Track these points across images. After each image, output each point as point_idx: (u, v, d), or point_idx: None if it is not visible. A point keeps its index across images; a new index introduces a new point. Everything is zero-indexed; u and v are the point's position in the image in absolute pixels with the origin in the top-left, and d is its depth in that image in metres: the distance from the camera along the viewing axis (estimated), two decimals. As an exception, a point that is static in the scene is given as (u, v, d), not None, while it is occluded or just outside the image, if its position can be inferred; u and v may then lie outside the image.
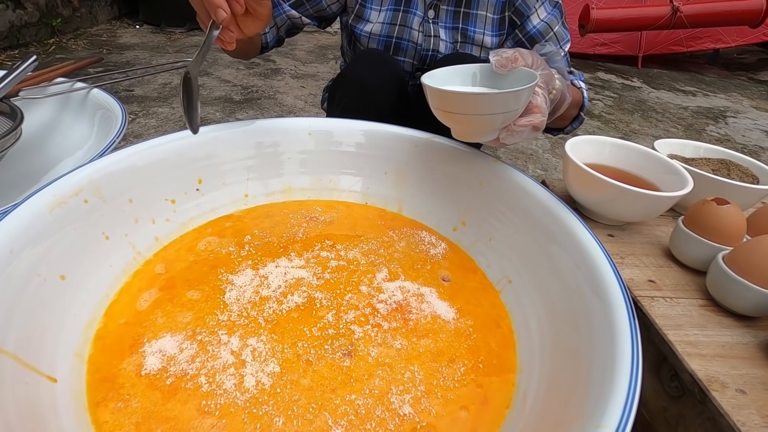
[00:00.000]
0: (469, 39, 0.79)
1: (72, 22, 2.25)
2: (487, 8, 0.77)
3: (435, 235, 0.63)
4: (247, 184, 0.64)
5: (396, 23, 0.77)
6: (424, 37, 0.78)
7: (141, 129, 1.35)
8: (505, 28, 0.80)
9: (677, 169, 0.50)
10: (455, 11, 0.78)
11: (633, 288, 0.42)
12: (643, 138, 1.81)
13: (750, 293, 0.37)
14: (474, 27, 0.78)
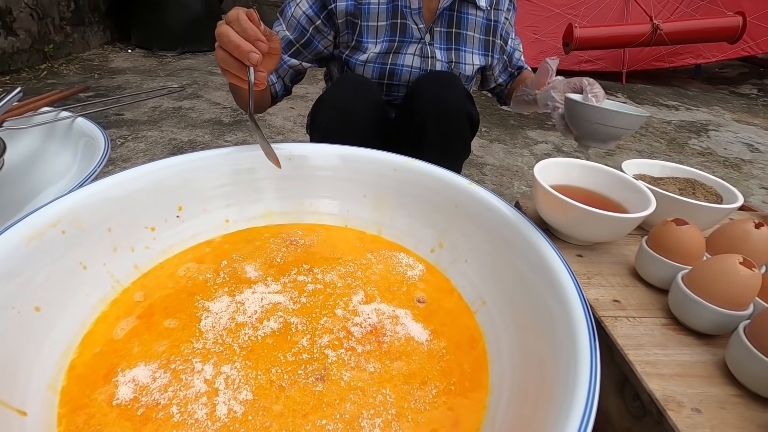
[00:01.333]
0: (461, 58, 0.85)
1: (64, 48, 2.28)
2: (474, 29, 0.84)
3: (413, 256, 0.64)
4: (228, 209, 0.65)
5: (391, 52, 0.81)
6: (422, 59, 0.82)
7: (130, 153, 1.36)
8: (489, 49, 0.87)
9: (642, 189, 0.51)
10: (447, 32, 0.83)
11: (598, 308, 0.43)
12: (627, 153, 1.84)
13: (707, 312, 0.38)
14: (464, 47, 0.85)
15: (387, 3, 0.78)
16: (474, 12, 0.83)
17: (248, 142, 1.54)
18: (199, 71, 2.33)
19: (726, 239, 0.44)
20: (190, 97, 1.92)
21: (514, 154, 1.67)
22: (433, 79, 0.78)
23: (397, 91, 0.85)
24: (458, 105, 0.77)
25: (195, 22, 2.64)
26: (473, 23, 0.83)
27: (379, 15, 0.78)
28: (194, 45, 2.68)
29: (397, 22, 0.79)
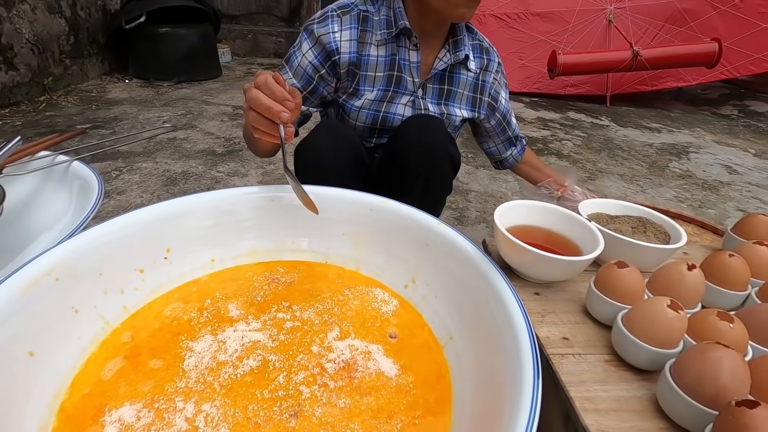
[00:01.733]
0: (450, 111, 0.91)
1: (63, 80, 2.35)
2: (464, 87, 0.90)
3: (388, 291, 0.68)
4: (213, 249, 0.69)
5: (385, 100, 0.86)
6: (413, 110, 0.87)
7: (124, 185, 1.40)
8: (476, 105, 0.93)
9: (593, 231, 0.56)
10: (440, 89, 0.89)
11: (548, 346, 0.47)
12: (609, 176, 1.90)
13: (640, 350, 0.42)
14: (454, 102, 0.91)
15: (386, 56, 0.83)
16: (465, 72, 0.89)
17: (240, 172, 1.59)
18: (194, 101, 2.40)
19: (663, 280, 0.48)
20: (185, 127, 1.97)
21: (499, 180, 1.72)
22: (416, 122, 0.82)
23: (388, 137, 0.90)
24: (441, 147, 0.81)
25: (191, 52, 2.72)
26: (464, 82, 0.89)
27: (377, 66, 0.83)
28: (190, 75, 2.76)
29: (393, 74, 0.84)
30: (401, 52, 0.83)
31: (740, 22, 2.91)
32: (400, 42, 0.82)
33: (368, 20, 0.81)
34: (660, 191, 1.80)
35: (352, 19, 0.80)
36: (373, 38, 0.81)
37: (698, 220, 1.49)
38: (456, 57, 0.84)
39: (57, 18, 2.27)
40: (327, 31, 0.79)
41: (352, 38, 0.80)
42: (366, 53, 0.81)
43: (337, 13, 0.80)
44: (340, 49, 0.80)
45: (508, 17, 3.20)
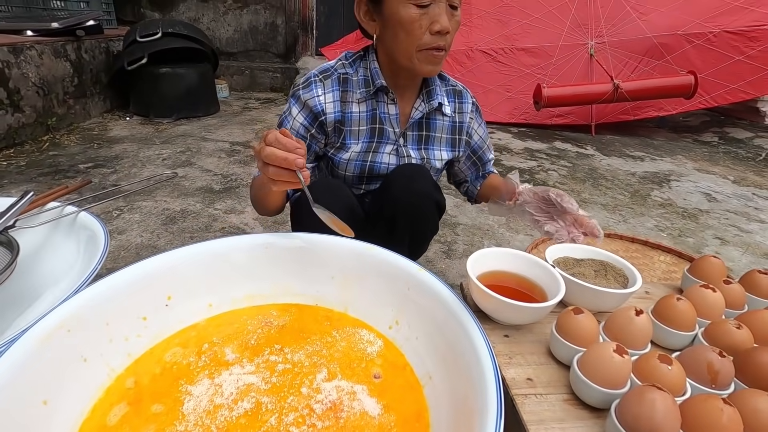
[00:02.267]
0: (431, 155, 0.97)
1: (66, 119, 2.44)
2: (442, 131, 0.97)
3: (374, 332, 0.73)
4: (211, 295, 0.74)
5: (370, 151, 0.93)
6: (398, 158, 0.94)
7: (125, 225, 1.46)
8: (455, 145, 1.00)
9: (557, 277, 0.62)
10: (419, 135, 0.96)
11: (513, 387, 0.52)
12: (592, 206, 1.97)
13: (592, 391, 0.47)
14: (433, 146, 0.97)
15: (367, 111, 0.91)
16: (441, 117, 0.96)
17: (236, 209, 1.65)
18: (192, 137, 2.48)
19: (615, 324, 0.54)
20: (183, 165, 2.05)
21: (485, 213, 1.79)
22: (403, 172, 0.89)
23: (376, 183, 0.97)
24: (427, 194, 0.88)
25: (190, 90, 2.83)
26: (440, 126, 0.96)
27: (360, 121, 0.91)
28: (189, 111, 2.86)
29: (375, 127, 0.91)
30: (381, 106, 0.91)
31: (714, 55, 3.06)
32: (378, 98, 0.90)
33: (348, 81, 0.89)
34: (641, 221, 1.87)
35: (333, 82, 0.88)
36: (354, 97, 0.88)
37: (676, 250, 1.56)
38: (430, 105, 0.91)
39: (62, 61, 2.38)
40: (312, 95, 0.87)
41: (335, 99, 0.88)
42: (349, 111, 0.89)
43: (319, 78, 0.88)
44: (326, 111, 0.87)
45: (494, 52, 3.35)
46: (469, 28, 3.40)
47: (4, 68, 2.00)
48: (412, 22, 0.76)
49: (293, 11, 3.77)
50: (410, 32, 0.77)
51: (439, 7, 0.75)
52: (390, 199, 0.88)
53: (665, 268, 1.46)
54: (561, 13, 3.30)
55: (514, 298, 0.60)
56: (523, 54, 3.34)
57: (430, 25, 0.76)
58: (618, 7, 3.22)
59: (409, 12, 0.76)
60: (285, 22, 3.78)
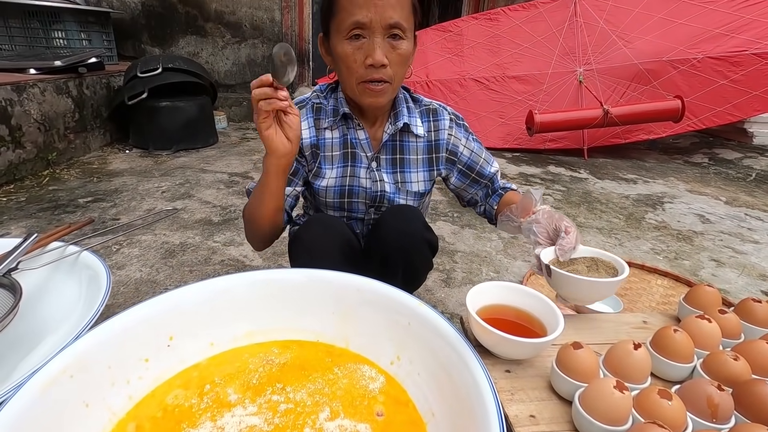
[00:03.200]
0: (407, 178, 0.98)
1: (66, 153, 2.47)
2: (417, 153, 0.98)
3: (375, 368, 0.73)
4: (212, 333, 0.75)
5: (347, 175, 0.96)
6: (372, 182, 0.96)
7: (124, 259, 1.46)
8: (433, 164, 1.00)
9: (555, 311, 0.63)
10: (392, 158, 0.98)
11: (516, 425, 0.52)
12: (588, 230, 1.99)
13: (594, 428, 0.47)
14: (409, 169, 0.98)
15: (339, 137, 0.95)
16: (414, 139, 0.97)
17: (235, 241, 1.66)
18: (191, 169, 2.51)
19: (615, 358, 0.55)
20: (183, 197, 2.06)
21: (483, 240, 1.81)
22: (394, 214, 0.91)
23: (357, 206, 0.98)
24: (418, 236, 0.89)
25: (189, 123, 2.88)
26: (414, 148, 0.97)
27: (333, 146, 0.95)
28: (188, 143, 2.91)
29: (348, 151, 0.95)
30: (351, 132, 0.95)
31: (699, 79, 3.15)
32: (348, 125, 0.95)
33: (321, 110, 0.95)
34: (637, 244, 1.89)
35: (308, 110, 0.95)
36: (325, 124, 0.94)
37: (673, 274, 1.57)
38: (395, 127, 0.93)
39: (64, 98, 2.43)
40: None
41: (310, 126, 0.94)
42: (323, 137, 0.95)
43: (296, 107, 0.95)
44: (301, 136, 0.92)
45: (486, 80, 3.44)
46: (461, 57, 3.50)
47: (7, 106, 2.04)
48: (347, 57, 0.80)
49: (290, 44, 3.88)
50: (348, 66, 0.82)
51: (374, 42, 0.78)
52: (381, 242, 0.90)
53: (663, 292, 1.47)
54: (549, 42, 3.42)
55: (513, 332, 0.61)
56: (515, 81, 3.43)
57: (365, 59, 0.80)
58: (604, 35, 3.34)
59: (344, 48, 0.80)
60: (282, 54, 3.88)
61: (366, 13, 0.76)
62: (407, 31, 0.81)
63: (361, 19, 0.77)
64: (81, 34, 2.97)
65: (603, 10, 3.39)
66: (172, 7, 3.66)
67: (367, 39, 0.79)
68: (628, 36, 3.31)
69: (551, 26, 3.42)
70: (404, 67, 0.85)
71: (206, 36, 3.78)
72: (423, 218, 0.95)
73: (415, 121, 0.97)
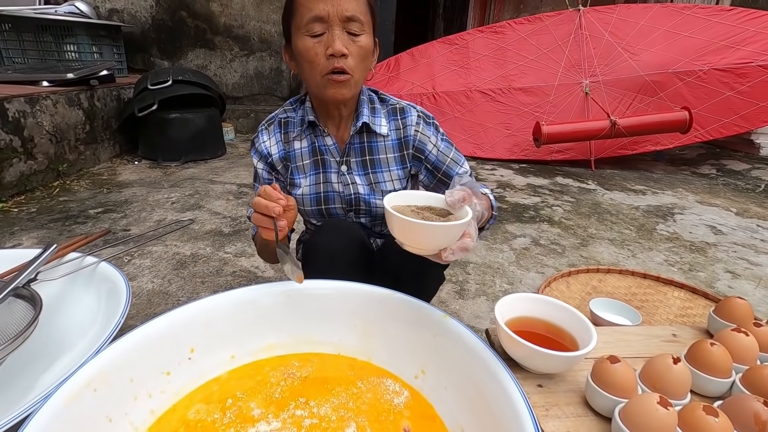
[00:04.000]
0: (380, 179, 0.97)
1: (76, 164, 2.48)
2: (385, 152, 0.96)
3: (399, 382, 0.72)
4: (234, 346, 0.74)
5: (320, 182, 0.96)
6: (344, 186, 0.96)
7: (136, 270, 1.45)
8: (406, 162, 0.97)
9: (587, 324, 0.61)
10: (362, 160, 0.97)
11: (553, 441, 0.50)
12: (600, 242, 1.97)
13: (637, 445, 0.46)
14: (380, 168, 0.97)
15: (308, 145, 0.96)
16: (381, 139, 0.95)
17: (246, 252, 1.65)
18: (200, 180, 2.52)
19: (653, 373, 0.53)
20: (192, 208, 2.06)
21: (495, 251, 1.79)
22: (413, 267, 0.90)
23: (335, 211, 0.98)
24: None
25: (198, 134, 2.90)
26: (382, 147, 0.96)
27: (302, 155, 0.96)
28: (196, 154, 2.92)
29: (318, 158, 0.96)
30: (318, 140, 0.95)
31: (705, 90, 3.16)
32: (316, 132, 0.95)
33: (288, 123, 0.97)
34: (650, 255, 1.87)
35: (275, 126, 0.98)
36: (293, 136, 0.96)
37: (689, 286, 1.55)
38: (355, 127, 0.93)
39: (76, 110, 2.45)
40: (260, 141, 0.97)
41: (278, 140, 0.97)
42: (292, 149, 0.96)
43: (265, 126, 0.98)
44: (271, 152, 0.96)
45: (492, 92, 3.46)
46: (467, 70, 3.53)
47: (20, 118, 2.06)
48: (308, 50, 0.81)
49: (297, 57, 3.92)
50: (310, 60, 0.82)
51: (333, 34, 0.80)
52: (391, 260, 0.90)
53: (680, 304, 1.45)
54: (555, 54, 3.44)
55: (543, 344, 0.59)
56: (521, 93, 3.45)
57: (326, 50, 0.80)
58: (609, 47, 3.36)
59: (305, 43, 0.81)
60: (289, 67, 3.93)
61: (323, 7, 0.78)
62: (365, 25, 0.82)
63: (319, 13, 0.78)
64: (92, 47, 3.01)
65: (608, 22, 3.41)
66: (181, 21, 3.71)
67: (326, 33, 0.80)
68: (633, 48, 3.33)
69: (557, 39, 3.45)
70: (365, 61, 0.85)
71: (215, 49, 3.83)
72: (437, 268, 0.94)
73: (379, 121, 0.95)
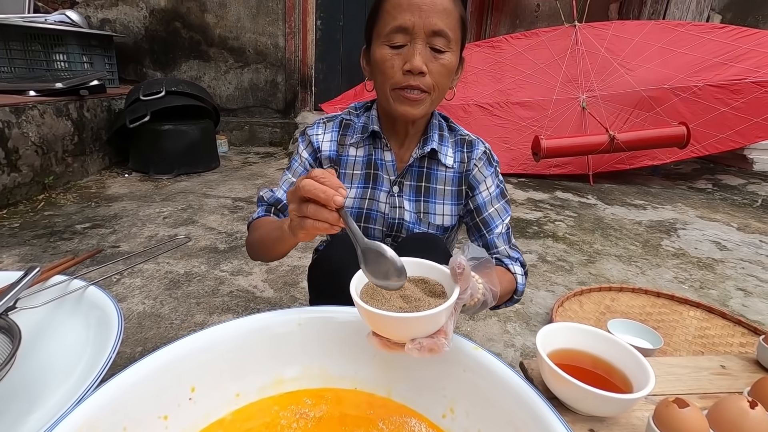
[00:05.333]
0: (430, 209, 0.91)
1: (63, 177, 2.38)
2: (444, 183, 0.90)
3: (425, 422, 0.64)
4: (238, 382, 0.66)
5: (366, 197, 0.89)
6: (391, 208, 0.89)
7: (126, 291, 1.36)
8: (462, 198, 0.92)
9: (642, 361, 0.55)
10: (417, 186, 0.90)
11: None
12: (607, 258, 1.93)
13: None
14: (434, 199, 0.91)
15: (364, 156, 0.90)
16: (443, 169, 0.89)
17: (243, 270, 1.57)
18: (194, 194, 2.43)
19: (725, 420, 0.47)
20: (185, 223, 1.98)
21: (502, 268, 1.73)
22: (414, 243, 0.84)
23: (373, 232, 0.91)
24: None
25: (191, 147, 2.82)
26: (442, 178, 0.90)
27: (355, 164, 0.90)
28: (189, 167, 2.84)
29: (370, 172, 0.89)
30: (377, 153, 0.90)
31: (701, 106, 3.18)
32: (376, 144, 0.90)
33: (349, 126, 0.91)
34: (659, 272, 1.83)
35: (335, 125, 0.92)
36: (351, 140, 0.90)
37: (705, 305, 1.50)
38: (422, 151, 0.87)
39: (64, 120, 2.36)
40: (313, 132, 0.91)
41: (333, 139, 0.91)
42: (345, 153, 0.90)
43: (323, 121, 0.93)
44: (321, 147, 0.90)
45: (490, 106, 3.45)
46: (464, 84, 3.51)
47: (4, 128, 1.97)
48: (385, 61, 0.76)
49: (293, 69, 3.88)
50: (384, 71, 0.77)
51: (414, 48, 0.74)
52: None
53: (697, 324, 1.40)
54: (552, 69, 3.45)
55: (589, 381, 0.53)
56: (518, 107, 3.44)
57: (403, 64, 0.75)
58: (606, 63, 3.38)
59: (383, 52, 0.77)
60: (285, 79, 3.88)
61: (410, 17, 0.73)
62: (452, 43, 0.76)
63: (404, 23, 0.73)
64: (83, 57, 2.93)
65: (603, 38, 3.44)
66: (176, 32, 3.66)
67: (408, 46, 0.75)
68: (629, 64, 3.35)
69: (553, 54, 3.46)
70: (446, 79, 0.79)
71: (209, 60, 3.77)
72: (445, 248, 0.88)
73: (446, 150, 0.90)
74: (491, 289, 0.63)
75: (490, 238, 0.89)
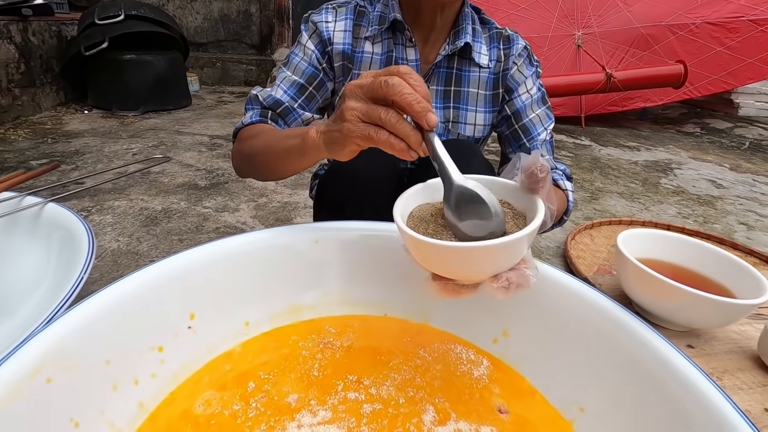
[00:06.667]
0: (461, 118, 0.78)
1: (11, 111, 2.10)
2: (477, 86, 0.77)
3: (473, 348, 0.55)
4: (247, 309, 0.54)
5: None
6: None
7: (96, 228, 1.20)
8: (498, 104, 0.79)
9: (747, 268, 0.46)
10: (445, 90, 0.77)
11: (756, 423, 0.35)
12: (610, 195, 1.87)
13: None
14: (466, 105, 0.77)
15: (382, 53, 0.74)
16: (476, 69, 0.76)
17: (229, 207, 1.42)
18: (165, 131, 2.21)
19: None
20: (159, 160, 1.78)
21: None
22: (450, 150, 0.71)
23: None
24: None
25: (158, 81, 2.54)
26: (475, 80, 0.76)
27: (371, 64, 0.75)
28: (158, 104, 2.57)
29: None
30: (398, 50, 0.74)
31: (696, 45, 3.08)
32: (396, 39, 0.74)
33: (364, 15, 0.75)
34: (662, 208, 1.78)
35: (348, 11, 0.75)
36: (366, 33, 0.74)
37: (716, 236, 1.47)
38: (454, 47, 0.72)
39: (5, 44, 2.04)
40: (321, 19, 0.74)
41: (347, 29, 0.74)
42: (360, 49, 0.74)
43: (333, 6, 0.76)
44: (333, 39, 0.74)
45: (481, 43, 3.25)
46: (455, 17, 3.28)
47: (-67, 48, 1.67)
48: None
49: (267, -1, 3.52)
50: None
51: None
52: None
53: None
54: (548, 3, 3.24)
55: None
56: (511, 45, 3.25)
57: None
58: (604, -4, 3.19)
59: None
60: (259, 10, 3.52)
61: None
62: None
63: None
64: (23, -26, 2.53)
65: (603, -31, 3.23)
66: (131, -49, 3.21)
67: None
68: (628, -2, 3.18)
69: (550, -14, 3.24)
70: None
71: (172, -14, 3.36)
72: (483, 158, 0.76)
73: (480, 48, 0.75)
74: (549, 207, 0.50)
75: (531, 147, 0.76)
